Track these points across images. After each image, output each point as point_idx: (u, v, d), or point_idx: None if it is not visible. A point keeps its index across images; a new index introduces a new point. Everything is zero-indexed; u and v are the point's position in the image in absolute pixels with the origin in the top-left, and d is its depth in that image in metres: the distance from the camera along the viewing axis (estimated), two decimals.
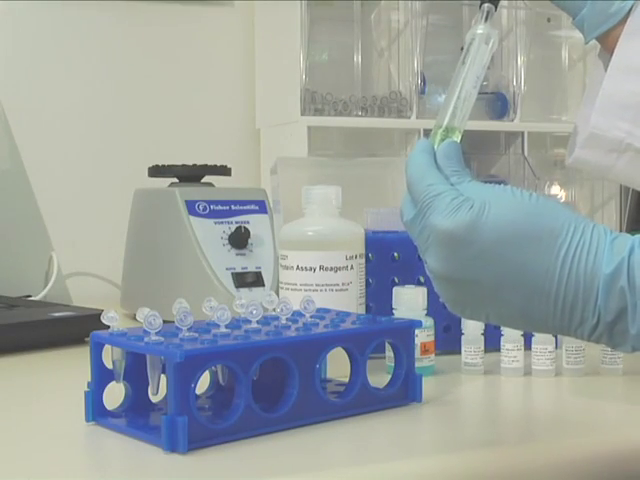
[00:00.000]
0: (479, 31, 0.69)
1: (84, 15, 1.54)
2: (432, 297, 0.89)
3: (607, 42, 0.77)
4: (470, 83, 0.67)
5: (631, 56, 0.73)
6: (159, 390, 0.68)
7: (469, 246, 0.55)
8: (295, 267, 0.85)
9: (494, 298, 0.56)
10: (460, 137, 0.65)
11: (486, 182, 0.59)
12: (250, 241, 1.15)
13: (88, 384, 0.69)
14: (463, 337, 0.89)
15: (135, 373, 0.69)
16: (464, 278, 0.57)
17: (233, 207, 1.17)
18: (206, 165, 1.26)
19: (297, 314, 0.75)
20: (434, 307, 0.88)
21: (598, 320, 0.54)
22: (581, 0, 0.77)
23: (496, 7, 0.74)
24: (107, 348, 0.69)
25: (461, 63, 0.68)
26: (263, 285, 1.13)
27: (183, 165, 1.26)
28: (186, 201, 1.16)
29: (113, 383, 0.69)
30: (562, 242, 0.54)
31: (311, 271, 0.84)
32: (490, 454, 0.62)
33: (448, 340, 0.93)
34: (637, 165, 0.76)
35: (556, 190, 1.77)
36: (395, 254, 0.96)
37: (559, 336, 0.94)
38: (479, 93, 0.68)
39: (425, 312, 0.87)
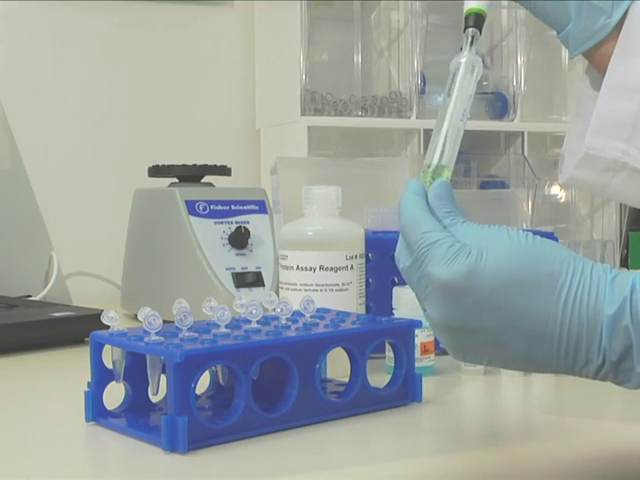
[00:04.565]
0: (463, 59, 0.67)
1: (84, 15, 1.54)
2: None
3: (593, 58, 0.76)
4: (457, 117, 0.65)
5: (624, 75, 0.72)
6: (159, 390, 0.68)
7: (469, 295, 0.55)
8: (295, 267, 0.85)
9: (496, 344, 0.56)
10: (450, 174, 0.64)
11: (479, 225, 0.58)
12: (250, 241, 1.15)
13: (88, 384, 0.69)
14: None
15: (135, 373, 0.69)
16: (465, 326, 0.56)
17: (233, 207, 1.17)
18: (206, 165, 1.26)
19: (297, 314, 0.75)
20: None
21: (603, 360, 0.53)
22: (565, 16, 0.76)
23: (481, 31, 0.73)
24: (107, 348, 0.69)
25: (447, 95, 0.66)
26: (263, 285, 1.13)
27: (183, 165, 1.26)
28: (186, 201, 1.16)
29: (113, 383, 0.69)
30: (562, 284, 0.54)
31: (311, 271, 0.84)
32: (490, 454, 0.62)
33: None
34: (632, 183, 0.75)
35: (556, 190, 1.77)
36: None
37: None
38: (479, 93, 0.67)
39: (425, 312, 0.87)
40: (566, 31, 0.76)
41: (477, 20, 0.73)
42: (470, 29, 0.72)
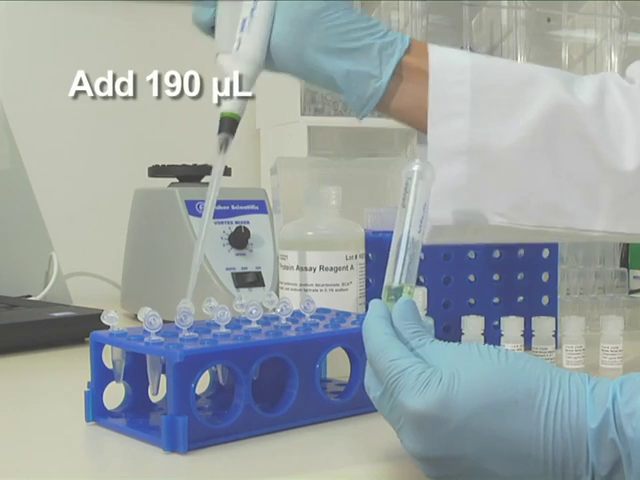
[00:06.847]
0: (415, 167, 0.65)
1: (84, 15, 1.54)
2: (432, 297, 0.90)
3: (388, 114, 0.77)
4: (415, 229, 0.64)
5: (446, 138, 0.72)
6: (159, 390, 0.68)
7: (445, 424, 0.52)
8: (295, 267, 0.85)
9: (480, 470, 0.53)
10: (413, 290, 0.63)
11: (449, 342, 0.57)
12: (250, 241, 1.15)
13: (88, 384, 0.69)
14: (463, 337, 0.89)
15: (135, 373, 0.69)
16: (444, 456, 0.54)
17: (233, 207, 1.17)
18: (206, 165, 1.26)
19: (297, 314, 0.75)
20: (434, 307, 0.88)
21: (593, 475, 0.51)
22: (337, 88, 0.76)
23: (234, 135, 0.73)
24: (107, 348, 0.69)
25: (401, 206, 0.65)
26: (263, 285, 1.13)
27: (183, 165, 1.26)
28: (186, 201, 1.16)
29: (113, 383, 0.69)
30: (541, 401, 0.52)
31: (311, 271, 0.84)
32: None
33: (448, 340, 0.93)
34: (483, 234, 0.77)
35: None
36: None
37: (559, 336, 0.94)
38: None
39: (425, 312, 0.87)
40: (345, 98, 0.76)
41: (231, 125, 0.76)
42: (222, 134, 0.72)
